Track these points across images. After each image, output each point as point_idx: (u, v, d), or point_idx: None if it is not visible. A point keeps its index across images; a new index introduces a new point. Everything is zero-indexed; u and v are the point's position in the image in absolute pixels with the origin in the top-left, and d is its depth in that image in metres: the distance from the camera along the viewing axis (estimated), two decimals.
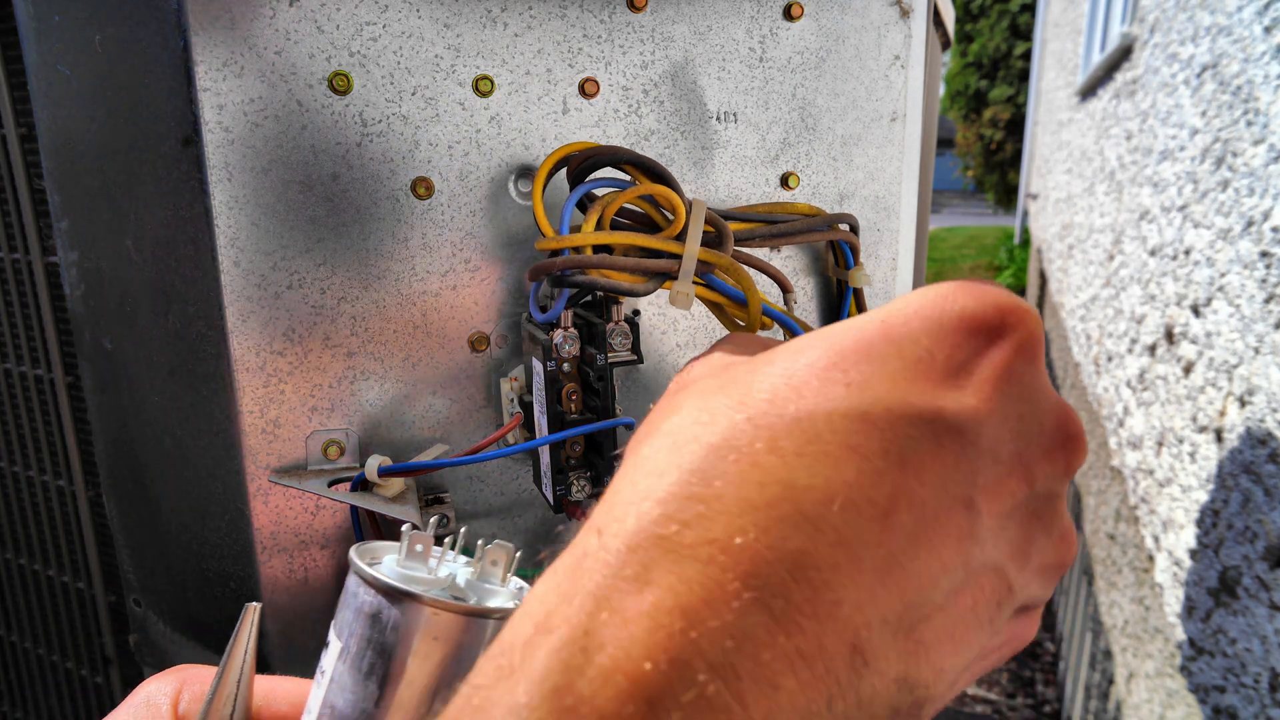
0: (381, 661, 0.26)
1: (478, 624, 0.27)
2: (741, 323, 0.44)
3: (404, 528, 0.28)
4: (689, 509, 0.19)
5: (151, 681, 0.30)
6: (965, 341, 0.22)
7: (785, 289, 0.50)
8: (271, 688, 0.31)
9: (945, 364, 0.21)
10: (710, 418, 0.21)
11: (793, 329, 0.40)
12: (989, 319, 0.22)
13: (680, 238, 0.41)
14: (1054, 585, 0.23)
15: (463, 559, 0.31)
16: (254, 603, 0.29)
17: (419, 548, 0.28)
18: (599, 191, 0.41)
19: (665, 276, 0.40)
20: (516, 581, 0.30)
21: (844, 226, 0.52)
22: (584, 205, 0.42)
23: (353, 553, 0.27)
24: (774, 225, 0.48)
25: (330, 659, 0.27)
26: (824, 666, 0.17)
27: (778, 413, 0.20)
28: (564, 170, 0.43)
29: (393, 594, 0.26)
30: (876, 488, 0.19)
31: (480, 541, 0.29)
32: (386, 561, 0.28)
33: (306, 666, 0.48)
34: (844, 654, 0.18)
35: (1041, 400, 0.22)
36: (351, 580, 0.27)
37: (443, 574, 0.28)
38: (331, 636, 0.28)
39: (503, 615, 0.27)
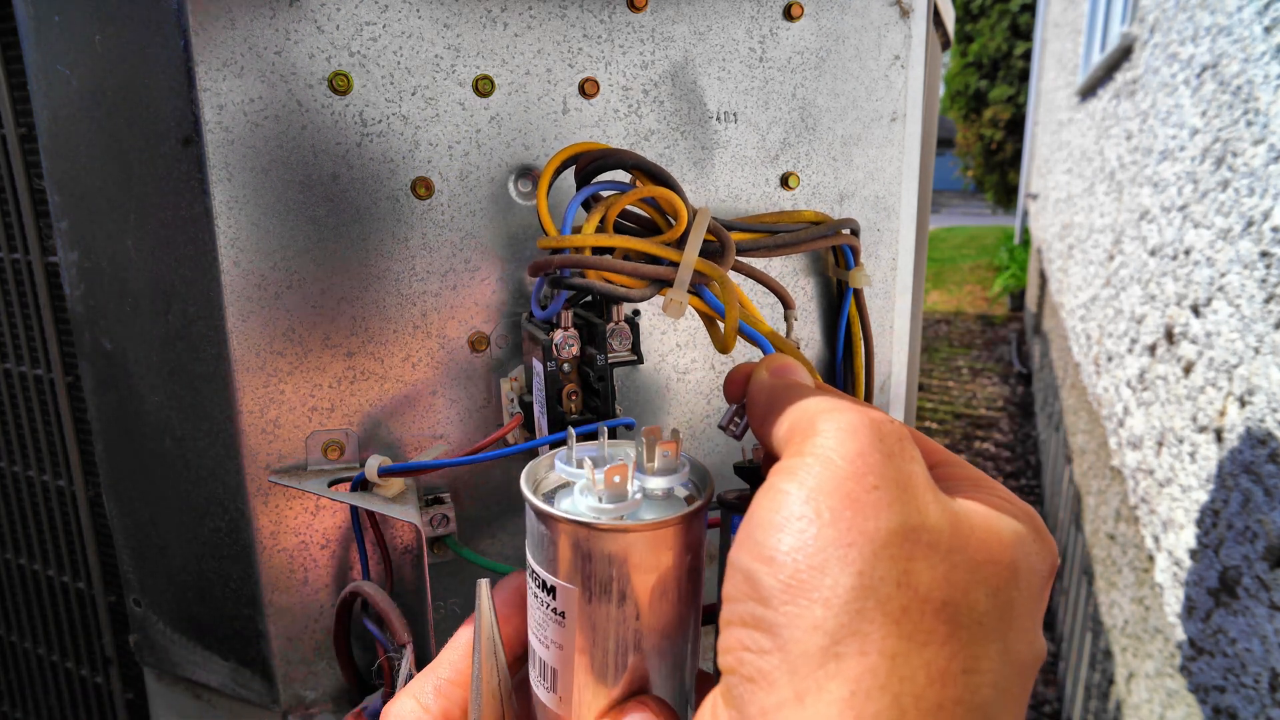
0: (627, 588, 0.29)
1: (698, 519, 0.30)
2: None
3: (591, 460, 0.31)
4: None
5: (394, 702, 0.32)
6: (1046, 587, 0.26)
7: (786, 304, 0.50)
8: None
9: (1041, 610, 0.25)
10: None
11: (764, 348, 0.40)
12: (1054, 569, 0.26)
13: (681, 245, 0.41)
14: None
15: (619, 454, 0.33)
16: (484, 579, 0.31)
17: (616, 479, 0.29)
18: (604, 193, 0.41)
19: (662, 283, 0.40)
20: (684, 456, 0.32)
21: (846, 231, 0.52)
22: (589, 205, 0.42)
23: (583, 511, 0.29)
24: (775, 236, 0.48)
25: (565, 601, 0.29)
26: None
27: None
28: (569, 169, 0.43)
29: (621, 530, 0.28)
30: None
31: (640, 433, 0.31)
32: (581, 499, 0.30)
33: (307, 668, 0.48)
34: None
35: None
36: (566, 528, 0.29)
37: (652, 487, 0.30)
38: (556, 581, 0.29)
39: (700, 506, 0.30)
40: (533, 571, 0.31)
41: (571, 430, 0.33)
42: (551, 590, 0.30)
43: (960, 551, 0.23)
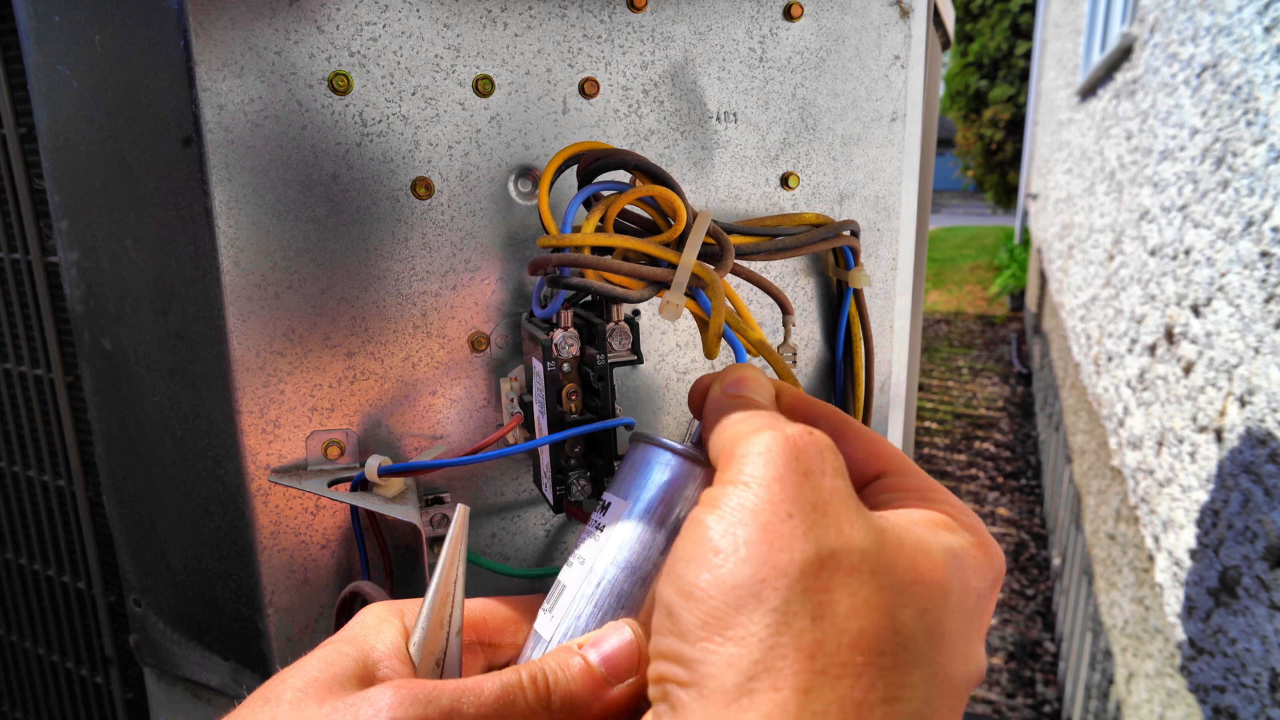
0: (672, 516, 0.33)
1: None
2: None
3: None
4: None
5: (369, 608, 0.33)
6: (988, 599, 0.27)
7: (785, 310, 0.50)
8: (487, 603, 0.36)
9: (981, 627, 0.26)
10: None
11: (739, 357, 0.41)
12: (999, 577, 0.28)
13: (680, 246, 0.41)
14: None
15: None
16: (463, 505, 0.33)
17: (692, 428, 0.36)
18: (605, 193, 0.41)
19: (660, 285, 0.40)
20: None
21: (846, 233, 0.52)
22: (590, 205, 0.42)
23: (640, 432, 0.36)
24: (775, 239, 0.48)
25: (614, 516, 0.34)
26: None
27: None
28: (571, 168, 0.43)
29: (696, 461, 0.33)
30: None
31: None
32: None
33: None
34: None
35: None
36: (648, 450, 0.34)
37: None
38: (613, 499, 0.34)
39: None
40: (599, 500, 0.35)
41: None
42: (605, 507, 0.34)
43: (885, 573, 0.23)
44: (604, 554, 0.33)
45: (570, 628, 0.33)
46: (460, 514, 0.32)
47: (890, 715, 0.21)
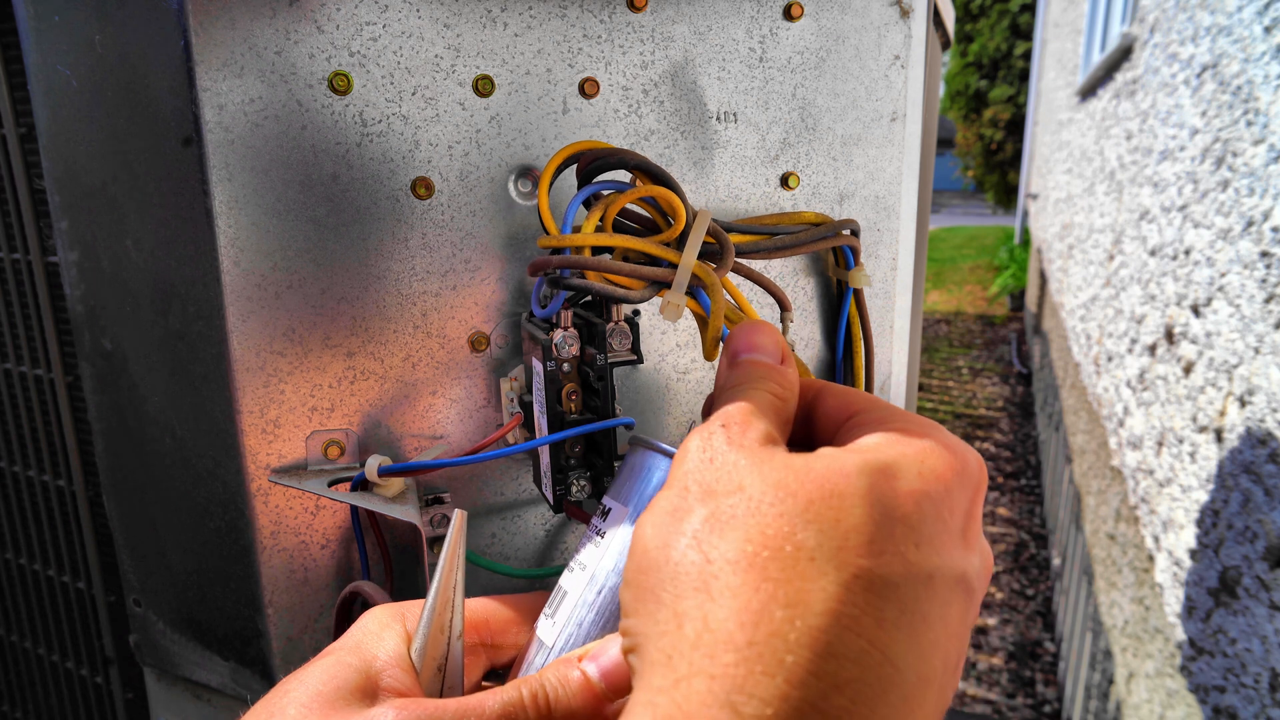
0: None
1: None
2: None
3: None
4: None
5: (371, 612, 0.34)
6: (970, 495, 0.26)
7: (783, 307, 0.50)
8: (488, 604, 0.37)
9: (960, 522, 0.26)
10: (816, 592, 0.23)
11: None
12: (980, 475, 0.27)
13: (680, 246, 0.41)
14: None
15: None
16: (460, 510, 0.33)
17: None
18: (605, 192, 0.41)
19: (661, 284, 0.40)
20: None
21: (846, 232, 0.52)
22: (589, 205, 0.42)
23: (639, 436, 0.35)
24: (775, 238, 0.48)
25: (614, 522, 0.34)
26: None
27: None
28: (571, 168, 0.43)
29: None
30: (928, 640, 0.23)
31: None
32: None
33: None
34: None
35: (984, 540, 0.28)
36: (647, 455, 0.34)
37: None
38: (613, 504, 0.34)
39: None
40: (599, 505, 0.35)
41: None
42: (606, 513, 0.34)
43: (779, 503, 0.24)
44: (605, 560, 0.33)
45: (572, 635, 0.33)
46: (458, 518, 0.33)
47: (795, 617, 0.21)
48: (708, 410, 0.35)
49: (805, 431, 0.32)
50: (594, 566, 0.34)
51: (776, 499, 0.24)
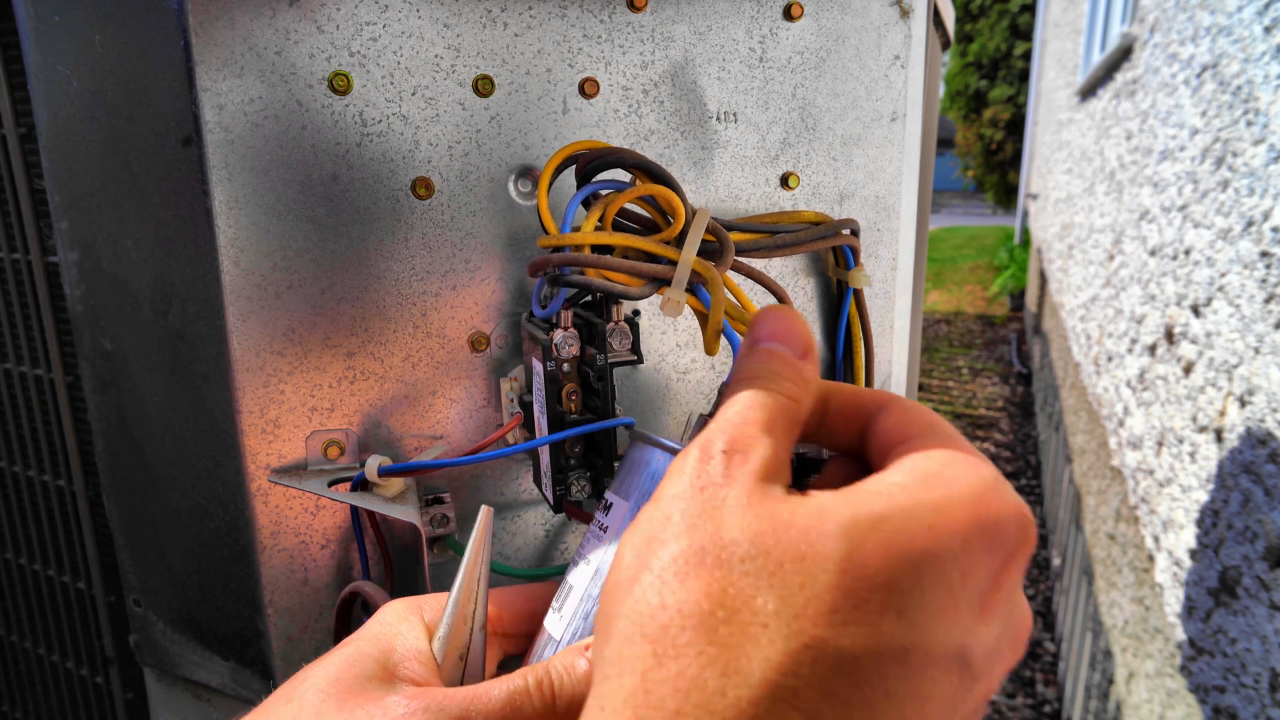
0: None
1: None
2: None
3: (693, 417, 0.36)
4: None
5: (390, 605, 0.34)
6: (1004, 558, 0.23)
7: (782, 303, 0.50)
8: (501, 594, 0.37)
9: (976, 589, 0.23)
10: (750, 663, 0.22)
11: (736, 352, 0.41)
12: (1023, 535, 0.24)
13: (680, 244, 0.41)
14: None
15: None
16: (487, 505, 0.34)
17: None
18: (604, 192, 0.41)
19: (661, 282, 0.40)
20: None
21: (846, 231, 0.52)
22: (589, 204, 0.42)
23: (640, 431, 0.36)
24: (775, 236, 0.48)
25: (616, 517, 0.34)
26: None
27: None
28: (570, 168, 0.43)
29: None
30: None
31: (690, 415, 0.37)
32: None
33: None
34: None
35: (1018, 608, 0.25)
36: (647, 450, 0.34)
37: None
38: (614, 499, 0.34)
39: None
40: (602, 499, 0.35)
41: None
42: (608, 507, 0.35)
43: (749, 560, 0.22)
44: (608, 555, 0.34)
45: (579, 629, 0.34)
46: (484, 514, 0.34)
47: (727, 687, 0.20)
48: (720, 399, 0.35)
49: (859, 444, 0.30)
50: (598, 561, 0.34)
51: (748, 555, 0.22)
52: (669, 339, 0.52)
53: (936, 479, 0.24)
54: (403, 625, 0.33)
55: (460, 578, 0.33)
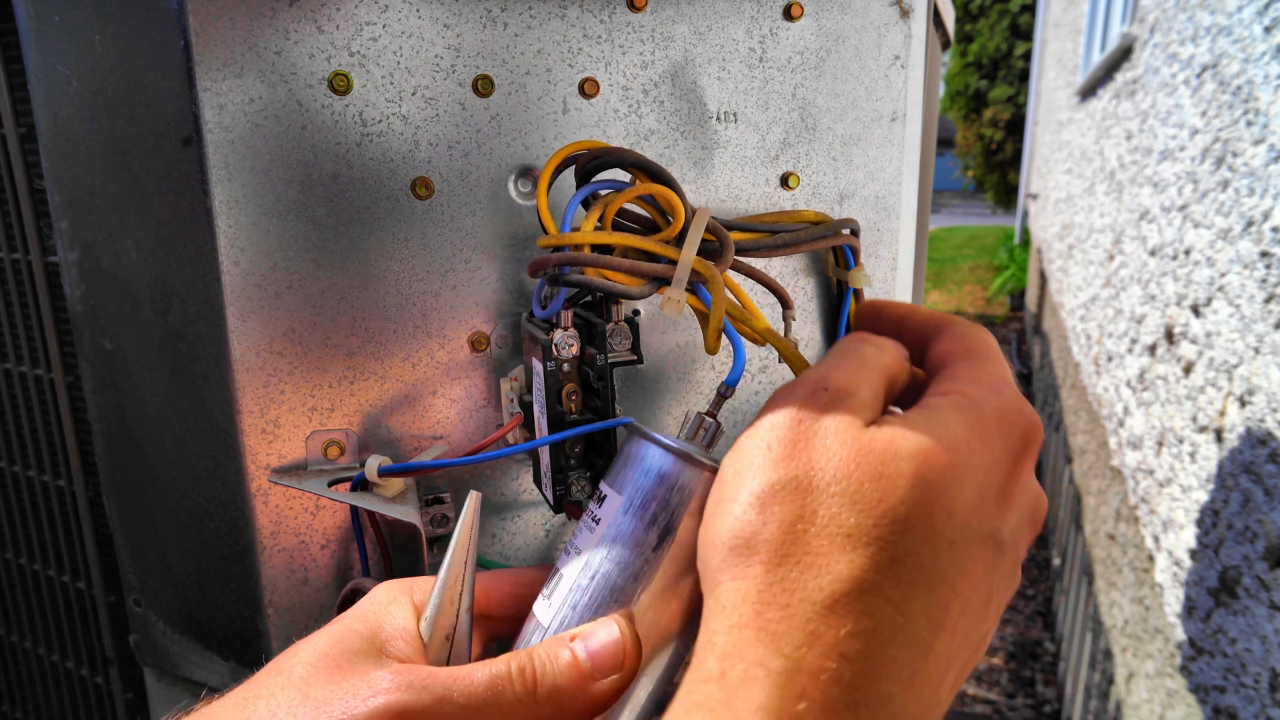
0: (664, 513, 0.33)
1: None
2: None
3: (693, 412, 0.37)
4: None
5: (381, 586, 0.35)
6: (1017, 455, 0.30)
7: (785, 304, 0.50)
8: (489, 577, 0.38)
9: (999, 485, 0.29)
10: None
11: (738, 352, 0.40)
12: (1031, 435, 0.30)
13: (680, 244, 0.41)
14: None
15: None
16: (475, 492, 0.35)
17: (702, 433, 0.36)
18: (603, 191, 0.42)
19: (661, 281, 0.40)
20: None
21: (846, 231, 0.52)
22: (588, 204, 0.42)
23: (637, 426, 0.36)
24: (775, 236, 0.48)
25: (609, 509, 0.34)
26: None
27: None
28: (569, 168, 0.43)
29: (690, 460, 0.34)
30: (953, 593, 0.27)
31: (689, 413, 0.37)
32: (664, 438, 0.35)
33: None
34: None
35: (1032, 493, 0.31)
36: (643, 445, 0.35)
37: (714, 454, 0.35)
38: (608, 491, 0.35)
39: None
40: (595, 491, 0.36)
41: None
42: (601, 499, 0.35)
43: (838, 483, 0.28)
44: (599, 548, 0.34)
45: (566, 617, 0.34)
46: (472, 498, 0.35)
47: (825, 583, 0.26)
48: (718, 398, 0.37)
49: (922, 361, 0.36)
50: (588, 553, 0.34)
51: (834, 479, 0.27)
52: (669, 338, 0.52)
53: (969, 402, 0.30)
54: (392, 605, 0.34)
55: (448, 561, 0.34)
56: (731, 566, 0.28)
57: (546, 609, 0.35)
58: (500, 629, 0.38)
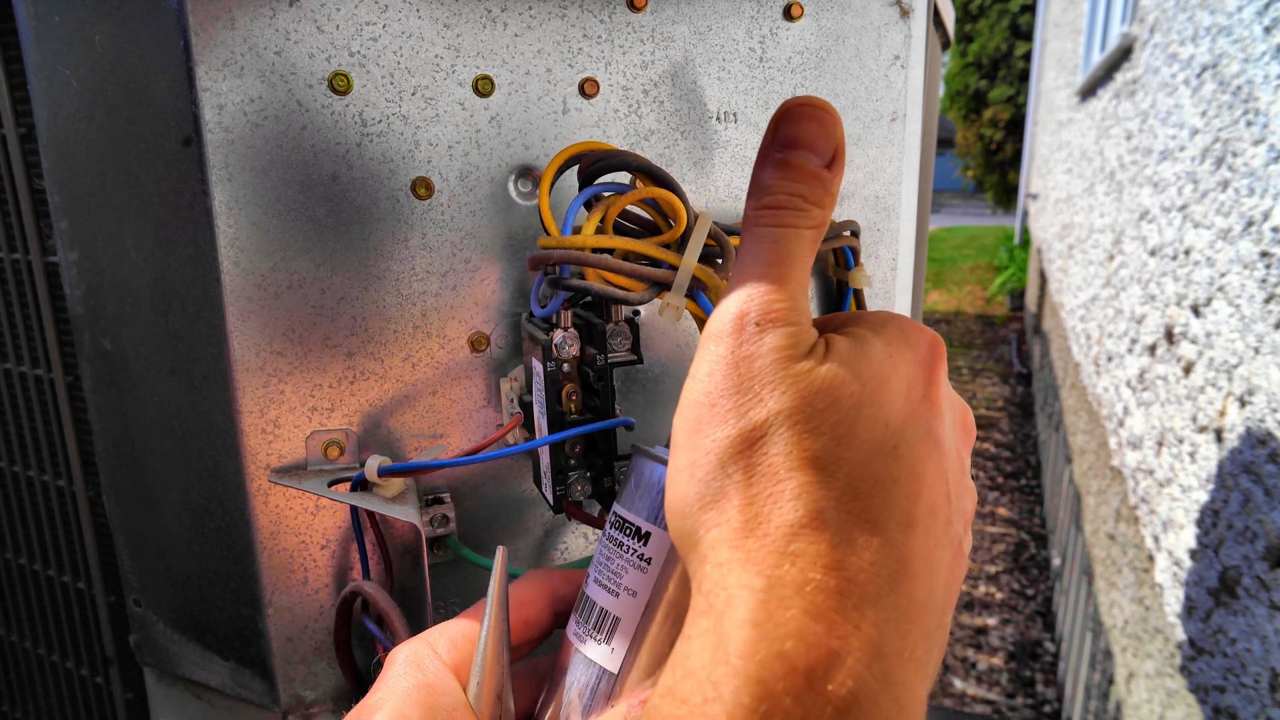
0: None
1: None
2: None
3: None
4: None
5: (405, 645, 0.35)
6: (928, 363, 0.31)
7: None
8: (524, 595, 0.38)
9: (921, 391, 0.31)
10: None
11: None
12: (936, 345, 0.32)
13: (681, 248, 0.41)
14: (970, 531, 0.33)
15: None
16: (502, 546, 0.35)
17: None
18: (605, 194, 0.41)
19: (661, 286, 0.40)
20: None
21: (847, 233, 0.52)
22: (590, 206, 0.42)
23: (639, 447, 0.36)
24: None
25: (657, 548, 0.33)
26: None
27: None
28: (572, 169, 0.43)
29: None
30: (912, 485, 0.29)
31: None
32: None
33: (307, 668, 0.48)
34: None
35: (955, 400, 0.33)
36: (659, 470, 0.34)
37: None
38: (651, 529, 0.34)
39: None
40: (623, 521, 0.34)
41: None
42: (645, 537, 0.34)
43: (793, 415, 0.29)
44: (658, 591, 0.33)
45: (634, 664, 0.33)
46: (500, 555, 0.35)
47: (799, 506, 0.27)
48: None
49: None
50: (645, 596, 0.33)
51: (791, 413, 0.28)
52: (669, 339, 0.52)
53: (877, 324, 0.32)
54: (428, 672, 0.34)
55: (486, 624, 0.34)
56: (708, 522, 0.28)
57: (606, 654, 0.33)
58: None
